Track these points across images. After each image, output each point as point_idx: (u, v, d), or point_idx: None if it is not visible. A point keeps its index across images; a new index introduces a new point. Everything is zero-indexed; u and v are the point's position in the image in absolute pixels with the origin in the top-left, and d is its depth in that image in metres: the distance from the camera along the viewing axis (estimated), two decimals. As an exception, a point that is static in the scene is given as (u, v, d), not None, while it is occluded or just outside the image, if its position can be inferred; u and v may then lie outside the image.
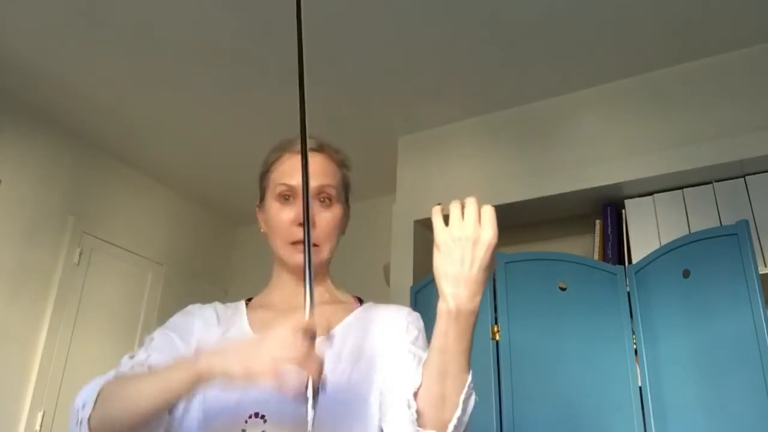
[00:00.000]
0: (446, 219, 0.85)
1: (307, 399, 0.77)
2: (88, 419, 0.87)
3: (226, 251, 3.86)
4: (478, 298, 0.82)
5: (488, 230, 0.82)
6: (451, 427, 0.82)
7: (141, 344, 1.05)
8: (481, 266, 0.81)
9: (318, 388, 0.78)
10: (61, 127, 2.91)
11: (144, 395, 0.86)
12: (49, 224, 2.81)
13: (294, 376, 0.75)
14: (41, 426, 2.63)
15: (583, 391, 1.93)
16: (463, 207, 0.84)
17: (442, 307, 0.83)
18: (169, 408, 0.90)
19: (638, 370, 1.91)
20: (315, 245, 1.06)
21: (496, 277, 2.12)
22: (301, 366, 0.75)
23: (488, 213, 0.83)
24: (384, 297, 2.47)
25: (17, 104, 2.73)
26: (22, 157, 2.74)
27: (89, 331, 2.91)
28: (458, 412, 0.82)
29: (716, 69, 2.32)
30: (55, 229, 2.84)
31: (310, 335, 0.77)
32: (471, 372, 0.84)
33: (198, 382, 0.82)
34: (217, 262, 3.79)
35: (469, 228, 0.82)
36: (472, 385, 0.84)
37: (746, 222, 1.84)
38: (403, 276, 2.57)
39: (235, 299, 1.17)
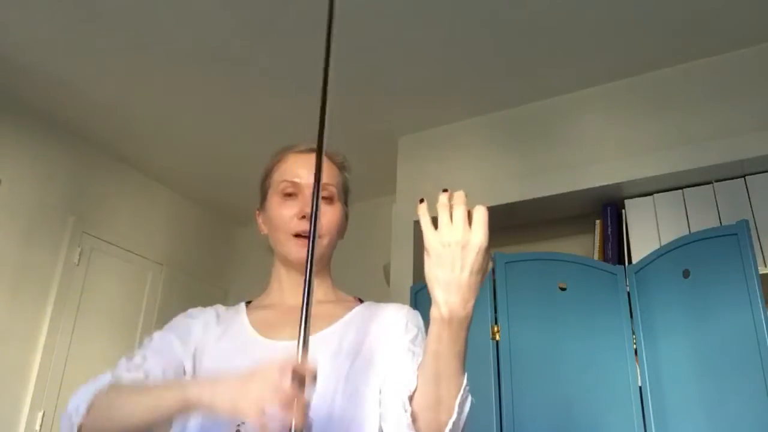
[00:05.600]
0: (435, 221, 0.82)
1: None
2: (79, 426, 0.89)
3: (226, 251, 3.86)
4: (471, 303, 0.80)
5: (478, 233, 0.79)
6: (447, 430, 0.81)
7: (140, 345, 1.06)
8: (472, 270, 0.79)
9: None
10: (61, 127, 2.91)
11: (134, 411, 0.87)
12: (49, 224, 2.81)
13: (277, 419, 0.73)
14: (41, 426, 2.63)
15: (583, 391, 1.93)
16: (451, 209, 0.81)
17: (434, 313, 0.81)
18: (156, 426, 0.91)
19: (638, 370, 1.91)
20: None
21: (496, 277, 2.12)
22: (285, 410, 0.73)
23: (479, 215, 0.80)
24: (384, 297, 2.47)
25: (17, 104, 2.73)
26: (22, 157, 2.74)
27: (89, 331, 2.91)
28: (454, 416, 0.81)
29: (716, 69, 2.32)
30: (55, 229, 2.84)
31: (299, 377, 0.74)
32: (466, 375, 0.83)
33: (185, 408, 0.83)
34: (217, 262, 3.79)
35: (459, 232, 0.79)
36: (467, 387, 0.83)
37: (746, 222, 1.84)
38: (403, 276, 2.57)
39: (235, 299, 1.18)
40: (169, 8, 2.19)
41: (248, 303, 1.15)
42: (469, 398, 0.84)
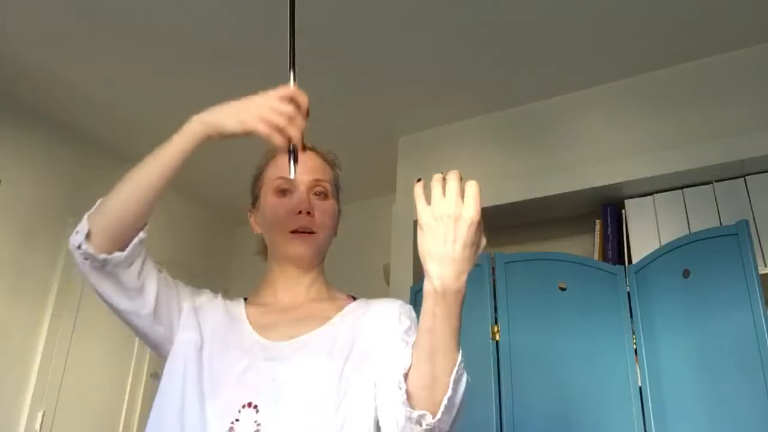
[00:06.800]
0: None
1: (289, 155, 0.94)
2: (87, 232, 0.96)
3: (226, 251, 3.86)
4: (463, 277, 0.80)
5: (470, 206, 0.79)
6: (442, 407, 0.80)
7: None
8: (464, 243, 0.79)
9: (296, 151, 0.94)
10: (61, 126, 2.91)
11: (144, 175, 0.96)
12: (48, 224, 2.81)
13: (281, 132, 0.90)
14: (41, 426, 2.62)
15: (583, 391, 1.93)
16: (445, 183, 0.82)
17: (428, 287, 0.81)
18: (170, 180, 0.98)
19: (638, 370, 1.91)
20: (312, 232, 1.09)
21: (496, 277, 2.12)
22: (286, 125, 0.89)
23: (472, 189, 0.81)
24: (384, 297, 2.46)
25: (17, 104, 2.73)
26: (21, 156, 2.74)
27: (89, 331, 2.90)
28: (449, 392, 0.81)
29: (716, 69, 2.32)
30: (54, 229, 2.83)
31: (295, 101, 0.90)
32: (461, 352, 0.82)
33: (194, 139, 0.96)
34: (217, 262, 3.79)
35: (451, 205, 0.79)
36: (462, 364, 0.82)
37: (746, 222, 1.84)
38: (403, 276, 2.57)
39: (236, 299, 1.18)
40: (169, 8, 2.19)
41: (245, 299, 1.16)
42: (465, 375, 0.83)
